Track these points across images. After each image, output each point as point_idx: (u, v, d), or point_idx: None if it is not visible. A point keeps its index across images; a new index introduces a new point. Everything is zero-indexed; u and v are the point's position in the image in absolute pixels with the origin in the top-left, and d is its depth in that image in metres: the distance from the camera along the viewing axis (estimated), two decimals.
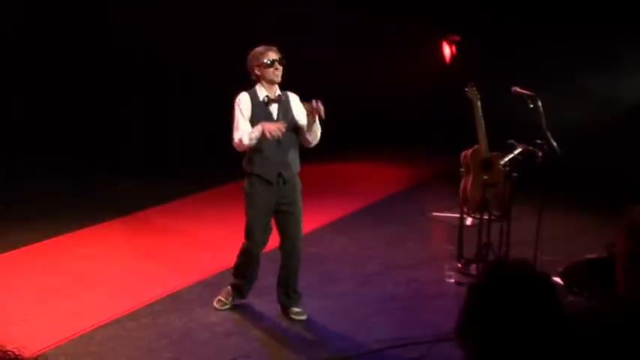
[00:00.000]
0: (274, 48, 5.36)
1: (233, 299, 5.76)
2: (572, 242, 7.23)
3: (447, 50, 10.65)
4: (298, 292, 5.72)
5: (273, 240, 5.68)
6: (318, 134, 5.44)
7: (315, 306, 5.87)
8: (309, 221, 8.04)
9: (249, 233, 5.52)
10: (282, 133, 5.25)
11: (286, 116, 5.40)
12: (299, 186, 5.55)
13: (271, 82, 5.36)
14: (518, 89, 6.18)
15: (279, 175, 5.40)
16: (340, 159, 11.24)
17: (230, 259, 5.75)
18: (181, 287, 6.28)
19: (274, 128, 5.17)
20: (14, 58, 11.11)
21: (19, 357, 1.76)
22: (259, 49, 5.36)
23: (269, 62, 5.29)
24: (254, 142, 5.25)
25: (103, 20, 11.57)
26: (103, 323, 5.53)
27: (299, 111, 5.46)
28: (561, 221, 7.89)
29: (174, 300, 6.04)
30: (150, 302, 5.95)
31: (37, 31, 11.24)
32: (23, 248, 7.16)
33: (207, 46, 11.26)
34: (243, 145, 5.26)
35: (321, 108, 5.25)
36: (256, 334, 5.46)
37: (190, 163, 10.78)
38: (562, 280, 5.97)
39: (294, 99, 5.52)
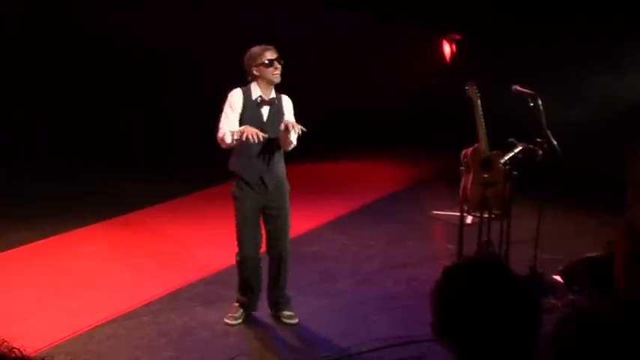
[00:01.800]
0: (272, 47, 5.29)
1: (241, 315, 5.56)
2: (572, 241, 7.23)
3: (447, 49, 10.65)
4: (287, 295, 5.64)
5: None
6: (294, 142, 5.29)
7: (315, 305, 5.87)
8: (310, 220, 8.07)
9: (239, 237, 5.42)
10: (269, 137, 5.16)
11: (276, 120, 5.29)
12: (286, 189, 5.47)
13: (270, 83, 5.29)
14: (519, 88, 6.17)
15: (261, 179, 5.32)
16: (340, 158, 11.24)
17: (230, 258, 5.73)
18: (181, 286, 6.27)
19: (253, 133, 5.04)
20: (14, 57, 11.10)
21: (25, 356, 1.76)
22: (257, 48, 5.29)
23: (268, 62, 5.23)
24: (235, 143, 5.17)
25: (102, 19, 11.55)
26: (102, 322, 5.53)
27: (289, 116, 5.37)
28: (561, 220, 7.89)
29: (174, 299, 6.03)
30: (149, 301, 5.95)
31: (37, 30, 11.24)
32: (22, 247, 7.16)
33: (207, 45, 11.26)
34: (225, 143, 5.20)
35: (297, 128, 5.11)
36: (256, 332, 5.46)
37: (189, 162, 10.77)
38: (562, 278, 5.97)
39: (287, 103, 5.42)
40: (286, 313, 5.60)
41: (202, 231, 7.80)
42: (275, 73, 5.25)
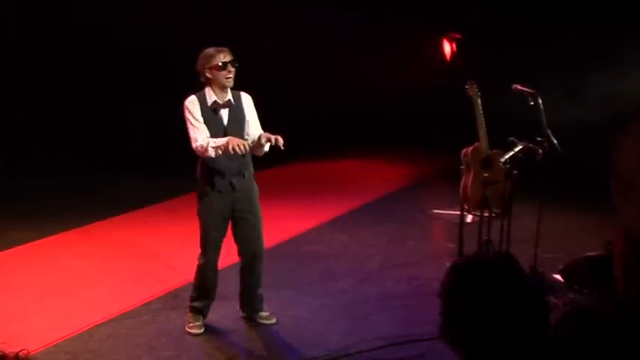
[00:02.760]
0: (226, 50, 5.14)
1: (202, 322, 5.43)
2: (572, 240, 7.23)
3: (447, 48, 10.64)
4: (261, 294, 5.55)
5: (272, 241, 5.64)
6: (266, 150, 5.20)
7: (316, 304, 5.87)
8: (309, 219, 8.08)
9: (204, 241, 5.32)
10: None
11: (237, 122, 5.18)
12: (255, 191, 5.36)
13: (222, 87, 5.13)
14: (519, 87, 6.16)
15: (231, 184, 5.21)
16: (340, 157, 11.23)
17: (229, 257, 5.73)
18: (181, 285, 6.26)
19: (240, 144, 4.91)
20: (14, 57, 11.10)
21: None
22: (210, 50, 5.14)
23: (222, 64, 5.07)
24: (219, 154, 5.04)
25: (102, 18, 11.55)
26: (102, 321, 5.53)
27: (251, 115, 5.25)
28: (561, 219, 7.89)
29: (174, 298, 6.03)
30: (149, 300, 5.95)
31: (36, 28, 11.24)
32: (22, 246, 7.16)
33: (207, 45, 11.24)
34: (208, 155, 5.04)
35: (280, 141, 5.00)
36: (256, 332, 5.45)
37: (189, 161, 10.76)
38: (562, 277, 5.97)
39: (246, 101, 5.26)
40: (263, 314, 5.54)
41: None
42: (228, 77, 5.09)
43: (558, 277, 6.04)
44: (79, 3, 11.59)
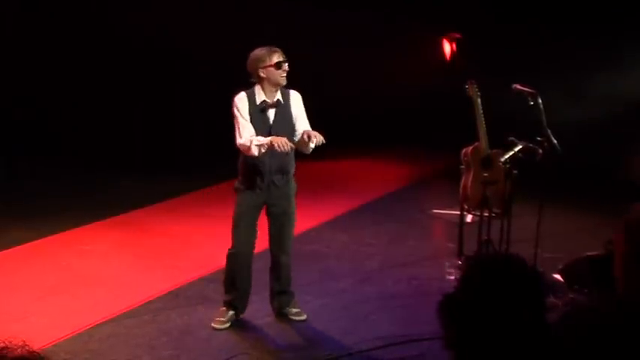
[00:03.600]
0: (279, 49, 5.24)
1: (230, 318, 5.47)
2: (572, 239, 7.22)
3: (447, 48, 10.64)
4: (291, 292, 5.64)
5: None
6: (312, 148, 5.29)
7: (316, 303, 5.87)
8: (310, 219, 8.07)
9: (236, 231, 5.39)
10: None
11: (284, 122, 5.27)
12: (293, 188, 5.44)
13: (276, 85, 5.23)
14: (519, 86, 6.17)
15: (272, 181, 5.30)
16: (340, 157, 11.23)
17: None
18: (181, 284, 6.28)
19: (284, 143, 5.02)
20: (14, 57, 11.10)
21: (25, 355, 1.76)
22: (264, 50, 5.21)
23: (277, 64, 5.16)
24: (262, 152, 5.13)
25: (102, 17, 11.55)
26: (102, 321, 5.53)
27: (298, 114, 5.33)
28: (561, 219, 7.89)
29: (174, 297, 6.03)
30: (150, 299, 5.95)
31: (36, 28, 11.23)
32: (23, 246, 7.16)
33: (207, 44, 11.25)
34: (251, 153, 5.12)
35: (318, 138, 5.13)
36: (256, 331, 5.46)
37: (190, 160, 10.77)
38: (562, 277, 5.97)
39: (295, 99, 5.36)
40: (293, 310, 5.61)
41: (203, 230, 7.79)
42: (283, 76, 5.21)
43: (558, 277, 6.04)
44: (79, 3, 11.58)
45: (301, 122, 5.34)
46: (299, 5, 11.14)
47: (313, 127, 5.35)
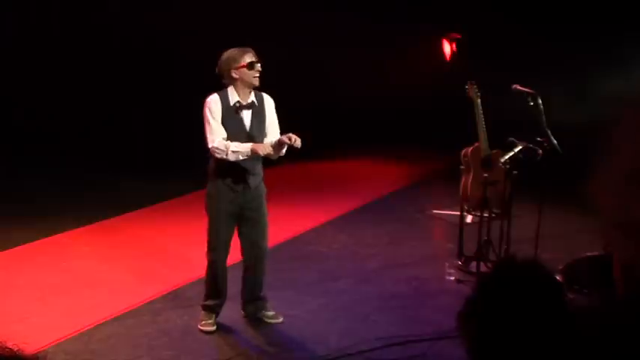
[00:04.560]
0: (251, 50, 5.16)
1: (215, 320, 5.47)
2: (572, 240, 7.21)
3: (447, 48, 10.66)
4: (263, 296, 5.58)
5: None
6: (283, 153, 5.27)
7: (316, 303, 5.88)
8: (310, 219, 8.08)
9: (213, 237, 5.34)
10: (255, 142, 5.11)
11: (260, 125, 5.22)
12: (264, 191, 5.39)
13: (250, 86, 5.16)
14: (519, 87, 6.17)
15: (247, 183, 5.25)
16: (340, 157, 11.24)
17: (230, 257, 5.73)
18: (181, 285, 6.28)
19: (264, 148, 5.01)
20: (14, 57, 11.11)
21: (19, 353, 1.76)
22: (236, 50, 5.15)
23: (249, 64, 5.09)
24: (239, 159, 5.10)
25: (102, 17, 11.55)
26: (103, 321, 5.53)
27: (271, 117, 5.29)
28: (561, 219, 7.88)
29: (175, 298, 6.04)
30: (150, 300, 5.96)
31: (36, 29, 11.24)
32: (23, 246, 7.16)
33: (208, 44, 11.24)
34: (227, 158, 5.07)
35: (298, 141, 5.05)
36: (256, 331, 5.46)
37: (190, 160, 10.76)
38: (562, 277, 5.97)
39: (268, 103, 5.30)
40: (269, 313, 5.57)
41: (203, 230, 7.76)
42: (256, 76, 5.13)
43: (558, 277, 6.04)
44: (80, 3, 11.59)
45: (273, 128, 5.29)
46: (301, 6, 11.14)
47: (315, 128, 5.36)
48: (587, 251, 5.90)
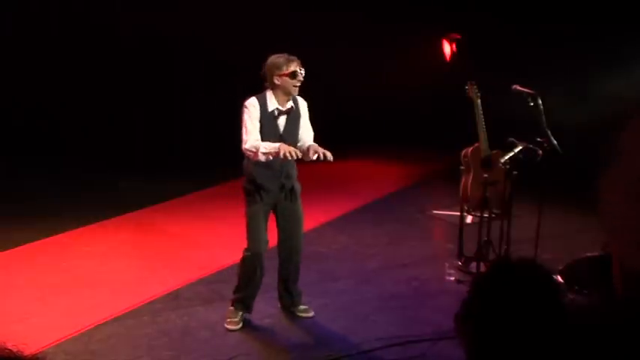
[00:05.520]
0: (296, 59, 5.24)
1: (241, 318, 5.53)
2: (572, 240, 7.22)
3: (447, 48, 10.65)
4: (300, 289, 5.74)
5: (271, 239, 5.64)
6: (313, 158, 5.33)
7: (316, 304, 5.87)
8: (310, 219, 8.05)
9: (251, 232, 5.40)
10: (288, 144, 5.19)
11: (293, 129, 5.34)
12: (299, 189, 5.51)
13: (288, 94, 5.25)
14: (519, 87, 6.17)
15: (282, 186, 5.38)
16: (340, 157, 11.20)
17: (231, 257, 5.74)
18: (181, 285, 6.28)
19: (292, 151, 5.04)
20: (14, 57, 11.10)
21: (19, 354, 1.76)
22: (282, 57, 5.22)
23: (293, 73, 5.17)
24: (269, 159, 5.18)
25: (102, 17, 11.55)
26: (103, 321, 5.53)
27: (305, 120, 5.42)
28: (562, 219, 7.89)
29: (175, 298, 6.04)
30: (150, 300, 5.96)
31: (36, 29, 11.23)
32: (23, 246, 7.16)
33: (208, 44, 11.26)
34: (257, 158, 5.16)
35: (329, 156, 5.15)
36: (256, 332, 5.46)
37: (191, 161, 10.78)
38: (562, 278, 5.97)
39: (303, 107, 5.43)
40: (302, 307, 5.70)
41: (203, 230, 7.80)
42: (296, 85, 5.22)
43: (558, 277, 6.04)
44: (80, 3, 11.59)
45: (306, 130, 5.42)
46: (301, 6, 11.14)
47: (317, 127, 5.37)
48: (587, 251, 5.91)
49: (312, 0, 11.35)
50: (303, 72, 5.22)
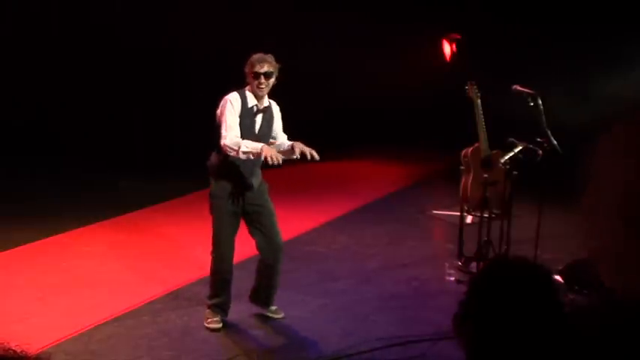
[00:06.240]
0: (268, 60, 5.18)
1: (221, 319, 5.48)
2: (572, 240, 7.21)
3: (447, 48, 10.65)
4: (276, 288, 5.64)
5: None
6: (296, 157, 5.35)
7: (316, 304, 5.88)
8: (310, 219, 8.08)
9: (218, 235, 5.38)
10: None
11: (268, 129, 5.34)
12: (266, 188, 5.47)
13: (254, 93, 5.23)
14: (519, 87, 6.18)
15: (249, 183, 5.32)
16: (340, 158, 11.24)
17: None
18: (181, 285, 6.28)
19: (275, 156, 4.98)
20: (14, 57, 11.10)
21: (23, 354, 1.76)
22: (254, 56, 5.21)
23: (254, 74, 5.15)
24: (250, 158, 5.13)
25: (102, 17, 11.55)
26: (103, 321, 5.53)
27: (278, 122, 5.42)
28: (561, 219, 7.88)
29: (174, 298, 6.04)
30: (150, 300, 5.96)
31: (36, 29, 11.23)
32: (23, 246, 7.15)
33: (208, 44, 11.26)
34: (236, 156, 5.11)
35: (315, 155, 5.16)
36: (256, 332, 5.47)
37: (191, 161, 10.75)
38: (562, 278, 5.97)
39: (276, 111, 5.43)
40: (273, 308, 5.64)
41: (203, 230, 7.75)
42: (260, 87, 5.18)
43: (558, 277, 6.04)
44: (80, 3, 11.59)
45: (280, 131, 5.43)
46: (301, 6, 11.14)
47: (315, 128, 5.37)
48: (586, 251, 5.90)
49: (313, 0, 11.35)
50: (266, 76, 5.14)
